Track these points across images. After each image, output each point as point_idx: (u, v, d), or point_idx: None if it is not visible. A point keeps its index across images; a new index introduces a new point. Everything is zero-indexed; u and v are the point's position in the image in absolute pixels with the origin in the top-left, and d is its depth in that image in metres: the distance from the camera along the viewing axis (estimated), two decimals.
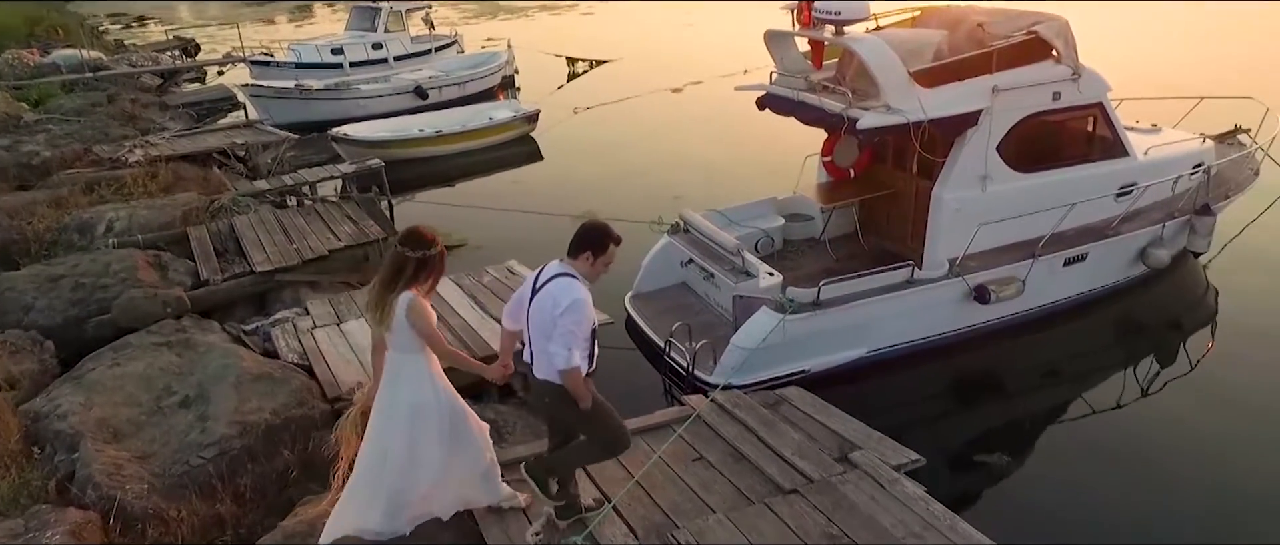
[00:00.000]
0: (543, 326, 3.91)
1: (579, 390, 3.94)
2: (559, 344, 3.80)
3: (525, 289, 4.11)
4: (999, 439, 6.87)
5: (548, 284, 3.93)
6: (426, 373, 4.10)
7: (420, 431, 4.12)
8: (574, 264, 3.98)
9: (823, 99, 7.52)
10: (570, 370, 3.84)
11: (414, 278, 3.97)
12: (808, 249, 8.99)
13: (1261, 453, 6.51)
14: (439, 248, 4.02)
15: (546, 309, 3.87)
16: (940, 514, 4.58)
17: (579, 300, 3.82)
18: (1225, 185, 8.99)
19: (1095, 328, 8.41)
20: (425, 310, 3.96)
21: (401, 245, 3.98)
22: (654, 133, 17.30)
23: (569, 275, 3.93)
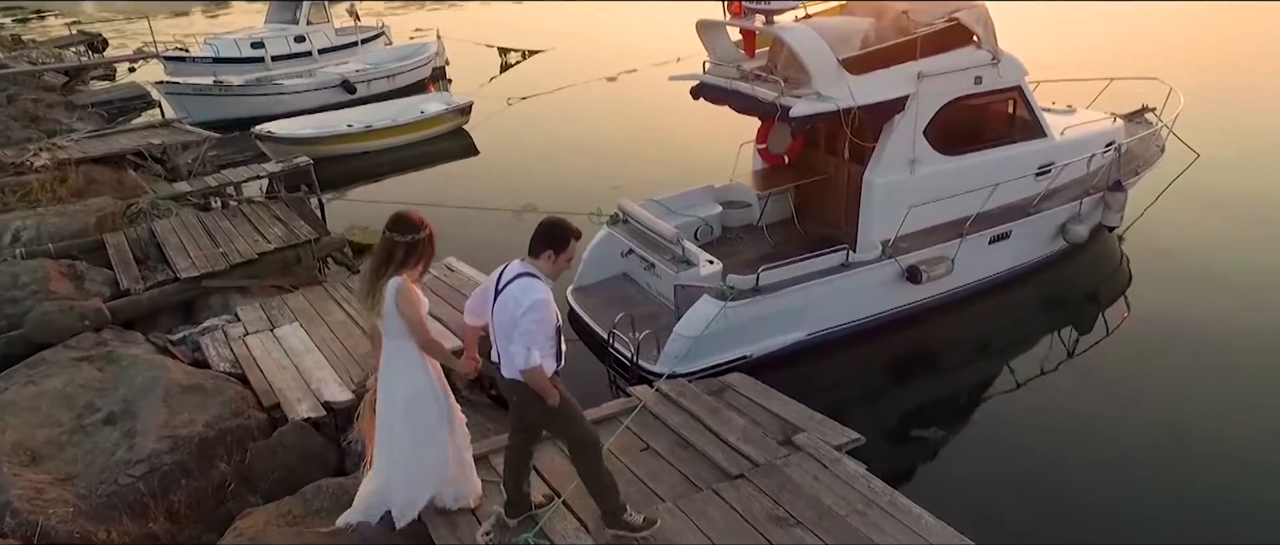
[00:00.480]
0: (505, 327, 3.93)
1: (543, 388, 3.96)
2: (519, 344, 3.82)
3: (488, 287, 4.09)
4: (934, 413, 7.13)
5: (510, 285, 3.92)
6: (418, 360, 4.12)
7: (420, 418, 4.17)
8: (536, 263, 3.97)
9: (756, 87, 7.62)
10: (531, 369, 3.86)
11: (404, 263, 3.97)
12: (746, 235, 9.11)
13: (1172, 408, 6.93)
14: (428, 231, 4.01)
15: (509, 310, 3.88)
16: (880, 490, 4.73)
17: (540, 300, 3.83)
18: (1135, 162, 9.46)
19: (1020, 302, 8.78)
20: (414, 296, 3.96)
21: (390, 230, 3.96)
22: (590, 123, 17.24)
23: (530, 275, 3.92)
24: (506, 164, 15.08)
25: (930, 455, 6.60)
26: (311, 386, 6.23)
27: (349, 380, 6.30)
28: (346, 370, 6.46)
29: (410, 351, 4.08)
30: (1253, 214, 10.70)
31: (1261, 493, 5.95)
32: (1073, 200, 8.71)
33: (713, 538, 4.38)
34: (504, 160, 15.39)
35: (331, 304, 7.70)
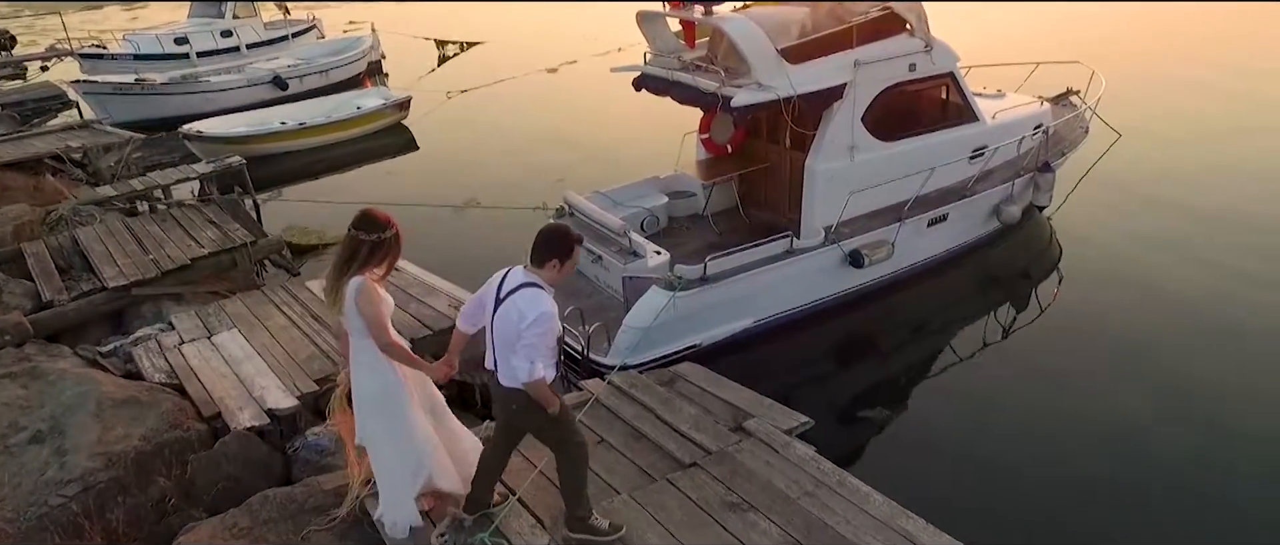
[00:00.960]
0: (507, 338, 3.82)
1: (546, 398, 3.90)
2: (522, 357, 3.73)
3: (487, 294, 3.97)
4: (879, 393, 7.32)
5: (513, 294, 3.80)
6: (382, 356, 4.03)
7: (395, 411, 4.11)
8: (540, 273, 3.85)
9: (697, 78, 7.66)
10: (534, 382, 3.79)
11: (367, 262, 3.88)
12: (692, 225, 9.17)
13: (1102, 380, 7.24)
14: (394, 230, 3.92)
15: (511, 321, 3.77)
16: (829, 471, 4.84)
17: (546, 313, 3.73)
18: (1062, 143, 9.82)
19: (958, 282, 9.05)
20: (374, 296, 3.88)
21: (355, 228, 3.87)
22: (532, 115, 17.09)
23: (535, 285, 3.81)
24: (448, 159, 14.87)
25: (876, 434, 6.78)
26: (253, 394, 6.07)
27: (293, 386, 6.15)
28: (290, 376, 6.31)
29: (373, 349, 4.01)
30: (1172, 189, 11.21)
31: (1185, 453, 6.28)
32: (1005, 182, 9.00)
33: (669, 528, 4.42)
34: (445, 155, 15.16)
35: (271, 308, 7.50)
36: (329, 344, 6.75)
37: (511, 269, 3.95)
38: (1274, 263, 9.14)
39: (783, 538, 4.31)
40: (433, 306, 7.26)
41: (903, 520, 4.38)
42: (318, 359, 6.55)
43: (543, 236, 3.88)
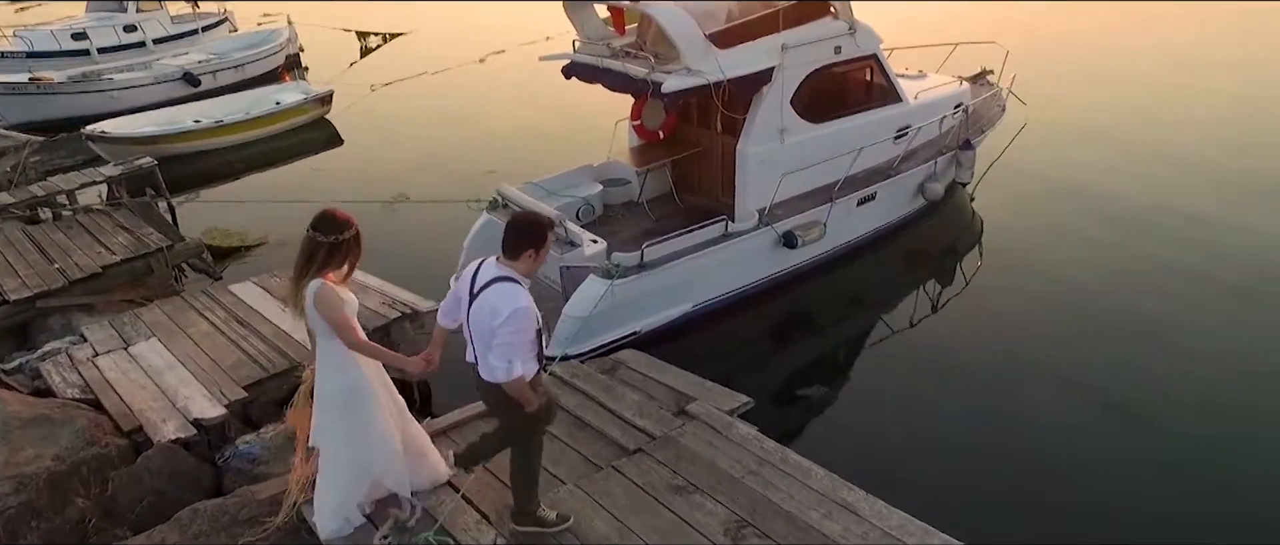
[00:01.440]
0: (482, 335, 3.69)
1: (524, 397, 3.79)
2: (498, 356, 3.61)
3: (462, 289, 3.83)
4: (817, 371, 7.47)
5: (486, 290, 3.66)
6: (347, 357, 3.94)
7: (359, 409, 4.02)
8: (514, 265, 3.70)
9: (627, 65, 7.63)
10: (512, 382, 3.68)
11: (326, 263, 3.78)
12: (627, 213, 9.15)
13: (1024, 347, 7.57)
14: (354, 230, 3.81)
15: (485, 318, 3.64)
16: (772, 449, 4.92)
17: (520, 309, 3.58)
18: (980, 121, 10.16)
19: (888, 259, 9.30)
20: (332, 299, 3.78)
21: (313, 229, 3.75)
22: (460, 107, 16.77)
23: (508, 279, 3.66)
24: (374, 154, 14.46)
25: (815, 410, 6.92)
26: (177, 405, 5.80)
27: (220, 394, 5.91)
28: (216, 384, 6.05)
29: (339, 350, 3.90)
30: (1082, 161, 11.74)
31: (1104, 417, 6.60)
32: (928, 160, 9.27)
33: (616, 514, 4.42)
34: (371, 150, 14.74)
35: (193, 314, 7.18)
36: (257, 349, 6.50)
37: (485, 261, 3.81)
38: (1179, 225, 9.69)
39: (728, 517, 4.36)
40: (365, 304, 7.02)
41: (843, 492, 4.48)
42: (246, 365, 6.30)
43: (514, 227, 3.73)
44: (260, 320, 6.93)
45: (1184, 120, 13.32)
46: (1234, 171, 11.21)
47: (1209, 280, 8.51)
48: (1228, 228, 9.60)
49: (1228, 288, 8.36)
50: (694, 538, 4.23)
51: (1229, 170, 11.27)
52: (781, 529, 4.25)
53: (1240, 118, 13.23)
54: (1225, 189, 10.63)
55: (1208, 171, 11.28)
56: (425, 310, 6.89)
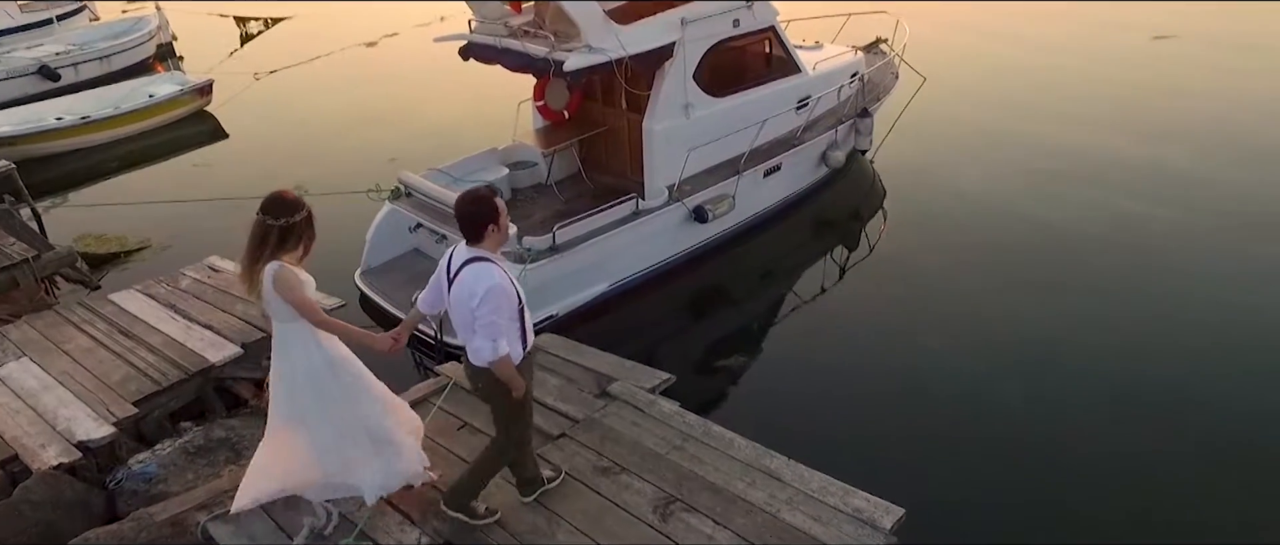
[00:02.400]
0: (464, 319, 3.69)
1: (511, 380, 3.75)
2: (482, 337, 3.60)
3: (440, 277, 3.83)
4: (734, 341, 7.59)
5: (460, 273, 3.66)
6: (312, 338, 3.91)
7: (326, 394, 3.99)
8: (482, 246, 3.69)
9: (526, 44, 7.47)
10: (499, 361, 3.64)
11: (281, 246, 3.71)
12: (536, 195, 9.01)
13: (929, 306, 7.89)
14: (305, 212, 3.76)
15: (464, 301, 3.63)
16: (694, 423, 4.95)
17: (493, 287, 3.57)
18: (876, 89, 10.47)
19: (796, 228, 9.50)
20: (292, 281, 3.73)
21: (262, 213, 3.69)
22: (353, 93, 16.04)
23: (479, 258, 3.65)
24: (264, 146, 13.71)
25: (735, 381, 7.03)
26: (58, 428, 5.36)
27: (106, 413, 5.49)
28: (102, 402, 5.62)
29: (302, 330, 3.87)
30: (973, 124, 12.29)
31: (1014, 358, 6.99)
32: (829, 129, 9.49)
33: (544, 503, 4.36)
34: (261, 142, 13.97)
35: (70, 329, 6.63)
36: (146, 361, 6.08)
37: (456, 246, 3.79)
38: (1070, 177, 10.29)
39: (657, 494, 4.37)
40: None
41: (766, 460, 4.55)
42: (134, 379, 5.87)
43: (463, 210, 3.67)
44: (147, 330, 6.46)
45: (1068, 76, 14.05)
46: (1114, 118, 12.03)
47: (1100, 223, 9.12)
48: (1113, 174, 10.25)
49: (1120, 228, 8.99)
50: (624, 518, 4.22)
51: (1109, 117, 12.08)
52: (708, 501, 4.29)
53: (1126, 69, 14.10)
54: (1106, 135, 11.37)
55: (1087, 120, 12.04)
56: (332, 307, 6.57)
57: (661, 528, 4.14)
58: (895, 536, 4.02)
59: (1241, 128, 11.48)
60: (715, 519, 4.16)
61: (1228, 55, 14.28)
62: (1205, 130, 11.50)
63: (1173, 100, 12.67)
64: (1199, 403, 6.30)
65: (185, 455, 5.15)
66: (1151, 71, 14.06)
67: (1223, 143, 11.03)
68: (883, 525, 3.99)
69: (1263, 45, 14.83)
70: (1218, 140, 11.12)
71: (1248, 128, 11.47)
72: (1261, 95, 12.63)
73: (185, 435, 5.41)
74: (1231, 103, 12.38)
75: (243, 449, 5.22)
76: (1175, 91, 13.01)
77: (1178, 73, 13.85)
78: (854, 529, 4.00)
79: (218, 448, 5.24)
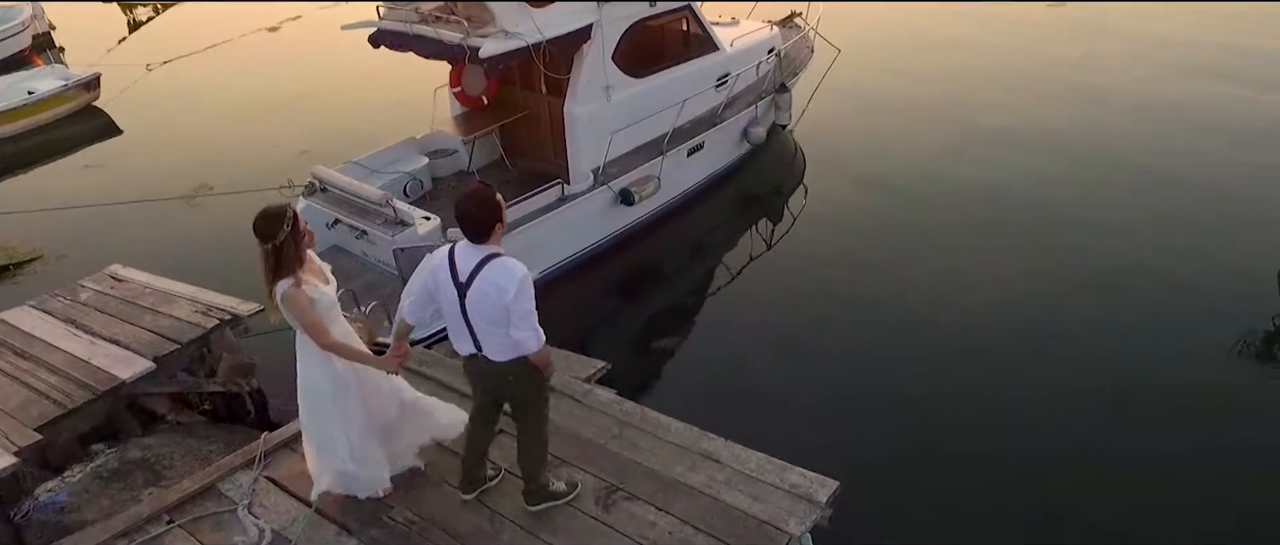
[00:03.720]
0: (493, 316, 3.66)
1: (549, 363, 3.88)
2: (524, 329, 3.63)
3: (437, 283, 3.75)
4: (666, 323, 7.65)
5: (480, 272, 3.62)
6: (316, 354, 3.93)
7: (314, 406, 4.10)
8: (490, 244, 3.67)
9: (439, 31, 7.26)
10: (543, 348, 3.73)
11: (279, 267, 3.71)
12: (458, 183, 8.80)
13: (852, 275, 8.13)
14: (288, 218, 3.72)
15: (493, 299, 3.60)
16: (631, 410, 4.97)
17: (525, 277, 3.60)
18: (793, 64, 10.59)
19: (721, 205, 9.60)
20: (300, 303, 3.75)
21: (259, 239, 3.70)
22: (257, 82, 15.26)
23: (496, 254, 3.65)
24: (163, 142, 12.94)
25: (670, 363, 7.11)
26: None
27: (5, 442, 5.12)
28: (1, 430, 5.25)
29: (310, 346, 3.90)
30: (888, 93, 12.58)
31: (935, 319, 7.27)
32: (749, 106, 9.58)
33: (486, 502, 4.32)
34: (159, 138, 13.18)
35: None
36: (47, 383, 5.70)
37: (453, 248, 3.74)
38: (985, 141, 10.71)
39: (597, 484, 4.38)
40: (174, 315, 6.35)
41: (703, 443, 4.61)
42: (35, 403, 5.49)
43: (472, 213, 3.63)
44: (46, 349, 6.05)
45: (978, 44, 14.51)
46: (1026, 83, 12.57)
47: (1017, 184, 9.56)
48: (1027, 137, 10.73)
49: (1035, 188, 9.45)
50: (566, 512, 4.21)
51: (1021, 82, 12.62)
52: (649, 488, 4.32)
53: (1035, 33, 14.67)
54: (1018, 100, 11.91)
55: (998, 85, 12.56)
56: (247, 314, 6.31)
57: (604, 518, 4.16)
58: (831, 508, 4.14)
59: (1152, 91, 11.95)
60: (657, 505, 4.20)
61: (1138, 22, 14.89)
62: (1115, 93, 11.97)
63: (1084, 65, 13.16)
64: (1123, 362, 6.63)
65: (99, 481, 4.89)
66: (1063, 37, 14.56)
67: (1133, 107, 11.48)
68: (819, 499, 4.11)
69: (1172, 12, 15.48)
70: (1129, 105, 11.57)
71: (1158, 92, 11.93)
72: (1173, 60, 13.15)
73: (98, 459, 5.14)
74: (1146, 65, 12.89)
75: (162, 470, 5.00)
76: (1087, 58, 13.50)
77: (1089, 39, 14.34)
78: (791, 504, 4.11)
79: (134, 470, 5.00)
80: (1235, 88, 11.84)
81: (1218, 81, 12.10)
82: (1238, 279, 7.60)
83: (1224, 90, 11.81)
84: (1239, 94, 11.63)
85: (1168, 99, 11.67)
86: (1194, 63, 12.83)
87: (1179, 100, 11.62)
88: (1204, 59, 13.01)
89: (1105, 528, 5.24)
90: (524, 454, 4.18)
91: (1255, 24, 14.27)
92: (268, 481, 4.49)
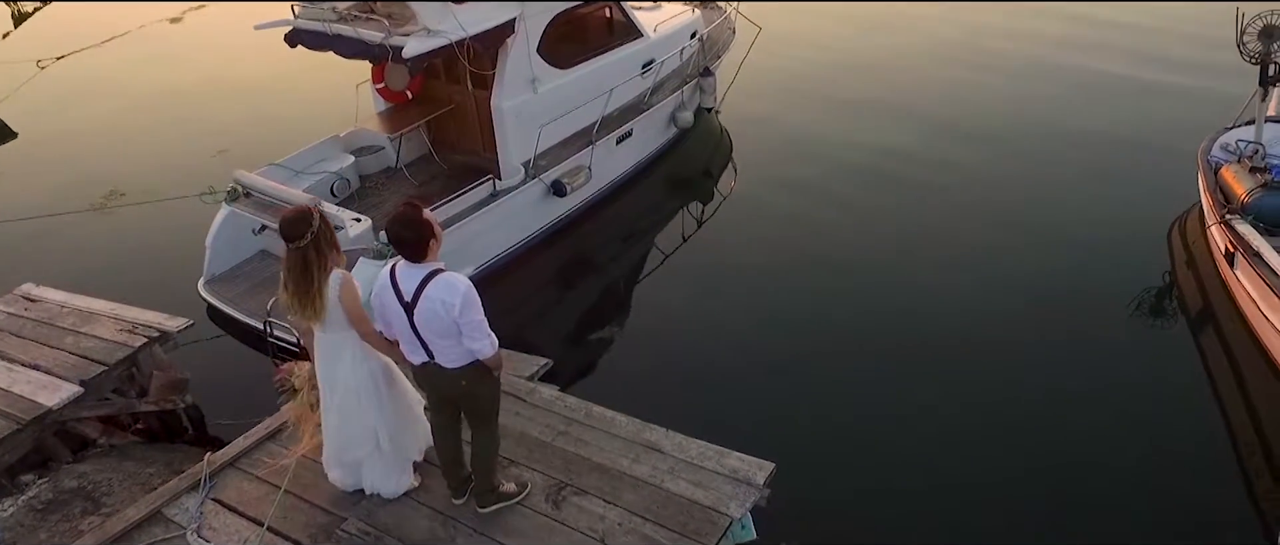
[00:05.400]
0: (443, 329, 3.78)
1: (500, 366, 4.05)
2: (478, 338, 3.79)
3: (383, 300, 3.87)
4: (604, 312, 7.81)
5: (425, 290, 3.72)
6: (361, 347, 4.05)
7: (395, 389, 4.24)
8: (429, 261, 3.76)
9: (360, 30, 7.16)
10: (496, 353, 3.90)
11: (322, 260, 3.79)
12: (386, 181, 8.71)
13: (784, 237, 8.55)
14: (316, 214, 3.82)
15: (439, 314, 3.72)
16: (575, 406, 5.12)
17: (470, 290, 3.75)
18: (716, 47, 10.78)
19: (651, 190, 9.77)
20: (350, 293, 3.86)
21: (289, 242, 3.76)
22: (163, 77, 14.54)
23: (436, 271, 3.75)
24: (63, 146, 12.23)
25: (607, 353, 7.27)
26: None
27: None
28: None
29: (347, 344, 4.00)
30: (810, 68, 12.89)
31: (867, 286, 7.69)
32: (675, 91, 9.74)
33: (436, 507, 4.41)
34: (58, 141, 12.45)
35: None
36: None
37: (392, 268, 3.84)
38: (904, 113, 11.14)
39: (547, 482, 4.52)
40: (97, 335, 6.14)
41: (646, 434, 4.79)
42: None
43: (402, 236, 3.72)
44: None
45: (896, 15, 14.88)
46: (943, 52, 13.09)
47: (940, 155, 10.05)
48: (944, 107, 11.24)
49: (957, 156, 9.98)
50: (518, 510, 4.35)
51: (937, 51, 13.14)
52: (597, 482, 4.49)
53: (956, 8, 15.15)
54: (936, 67, 12.45)
55: (915, 54, 13.07)
56: (177, 329, 6.17)
57: (555, 515, 4.31)
58: (768, 488, 4.40)
59: (1058, 66, 12.40)
60: (605, 498, 4.38)
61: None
62: (1031, 66, 12.45)
63: (1004, 35, 13.60)
64: (1040, 321, 7.09)
65: (33, 513, 4.79)
66: (986, 6, 14.97)
67: (1046, 79, 11.98)
68: (757, 481, 4.36)
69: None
70: (1042, 77, 12.05)
71: (1066, 66, 12.36)
72: (1082, 36, 13.60)
73: (29, 491, 5.01)
74: (1052, 42, 13.30)
75: (101, 497, 4.92)
76: (1005, 29, 13.93)
77: (1005, 9, 14.75)
78: (732, 488, 4.35)
79: (71, 499, 4.90)
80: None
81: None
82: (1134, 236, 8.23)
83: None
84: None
85: (1097, 71, 12.11)
86: (1113, 40, 13.21)
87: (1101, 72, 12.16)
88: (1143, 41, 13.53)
89: (1032, 482, 5.64)
90: (477, 457, 4.30)
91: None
92: (215, 503, 4.47)
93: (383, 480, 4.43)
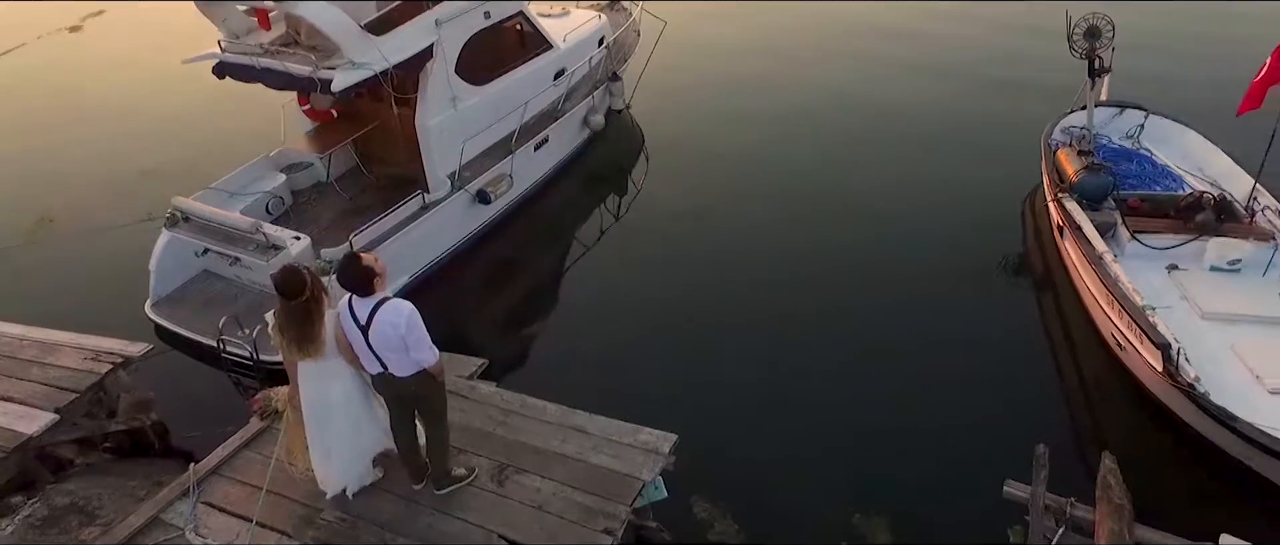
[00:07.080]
0: (393, 346, 4.59)
1: (443, 371, 4.87)
2: (423, 351, 4.60)
3: (349, 324, 4.60)
4: (533, 309, 8.59)
5: (376, 315, 4.53)
6: (348, 367, 4.85)
7: (358, 410, 4.98)
8: (377, 292, 4.57)
9: (287, 63, 7.66)
10: (439, 361, 4.72)
11: (320, 310, 4.59)
12: (318, 197, 9.22)
13: (696, 220, 9.51)
14: (306, 273, 4.57)
15: (390, 335, 4.54)
16: (511, 398, 5.96)
17: (412, 310, 4.55)
18: (623, 51, 11.51)
19: (570, 190, 10.55)
20: (338, 322, 4.66)
21: (288, 299, 4.51)
22: (70, 92, 14.29)
23: (382, 299, 4.56)
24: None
25: (539, 345, 8.07)
26: None
27: None
28: None
29: (327, 365, 4.73)
30: (714, 59, 13.81)
31: (775, 261, 8.68)
32: (586, 96, 10.51)
33: (397, 492, 5.19)
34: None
35: None
36: None
37: (345, 301, 4.61)
38: (805, 108, 12.11)
39: (491, 465, 5.37)
40: (63, 365, 6.56)
41: (572, 418, 5.68)
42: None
43: (349, 281, 4.53)
44: None
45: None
46: (845, 39, 14.23)
47: (824, 128, 11.31)
48: (845, 93, 12.35)
49: (858, 139, 11.18)
50: (469, 491, 5.19)
51: (838, 38, 14.28)
52: (533, 461, 5.37)
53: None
54: (835, 57, 13.61)
55: (817, 42, 14.20)
56: (138, 355, 6.68)
57: (500, 492, 5.19)
58: (674, 455, 5.36)
59: (944, 63, 13.38)
60: (541, 474, 5.27)
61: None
62: (939, 57, 13.43)
63: (913, 24, 14.57)
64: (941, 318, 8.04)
65: (34, 529, 5.35)
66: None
67: (955, 71, 12.97)
68: (663, 451, 5.32)
69: None
70: (951, 69, 13.03)
71: (950, 62, 13.36)
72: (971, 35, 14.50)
73: (23, 510, 5.55)
74: (961, 41, 14.17)
75: (93, 510, 5.52)
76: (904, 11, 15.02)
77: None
78: (644, 458, 5.30)
79: (66, 514, 5.47)
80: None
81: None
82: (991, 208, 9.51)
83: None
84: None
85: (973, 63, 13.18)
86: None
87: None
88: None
89: (897, 420, 6.74)
90: (431, 448, 5.14)
91: None
92: (205, 506, 5.16)
93: (350, 472, 5.15)
